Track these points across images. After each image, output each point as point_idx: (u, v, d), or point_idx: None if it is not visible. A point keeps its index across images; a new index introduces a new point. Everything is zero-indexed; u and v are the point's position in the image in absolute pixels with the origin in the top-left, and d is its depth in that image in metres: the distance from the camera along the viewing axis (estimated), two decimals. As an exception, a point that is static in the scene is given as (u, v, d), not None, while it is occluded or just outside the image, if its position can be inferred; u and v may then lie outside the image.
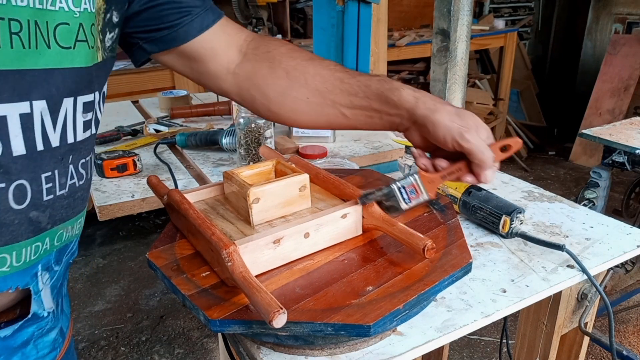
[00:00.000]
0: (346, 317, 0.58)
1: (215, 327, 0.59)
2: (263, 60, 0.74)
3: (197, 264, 0.69)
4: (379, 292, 0.62)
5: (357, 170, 0.98)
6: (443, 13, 1.19)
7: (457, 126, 0.64)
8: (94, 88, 0.58)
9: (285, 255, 0.68)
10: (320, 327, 0.57)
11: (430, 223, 0.78)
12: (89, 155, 0.61)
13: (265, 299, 0.54)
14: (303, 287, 0.64)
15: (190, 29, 0.71)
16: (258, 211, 0.72)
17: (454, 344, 2.15)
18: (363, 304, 0.60)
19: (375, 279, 0.65)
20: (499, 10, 4.84)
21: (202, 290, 0.63)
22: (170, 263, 0.69)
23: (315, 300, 0.61)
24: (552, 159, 4.29)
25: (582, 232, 0.93)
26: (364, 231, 0.76)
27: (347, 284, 0.64)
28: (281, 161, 0.81)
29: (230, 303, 0.61)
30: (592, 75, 4.33)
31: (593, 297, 0.92)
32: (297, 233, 0.68)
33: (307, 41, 3.47)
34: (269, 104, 0.75)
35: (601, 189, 1.99)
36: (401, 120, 0.69)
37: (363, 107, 0.70)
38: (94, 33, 0.55)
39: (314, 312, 0.59)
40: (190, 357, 2.13)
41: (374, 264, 0.68)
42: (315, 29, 1.63)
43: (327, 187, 0.81)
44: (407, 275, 0.66)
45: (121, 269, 2.72)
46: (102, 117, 0.70)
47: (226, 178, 0.77)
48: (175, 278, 0.66)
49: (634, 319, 2.27)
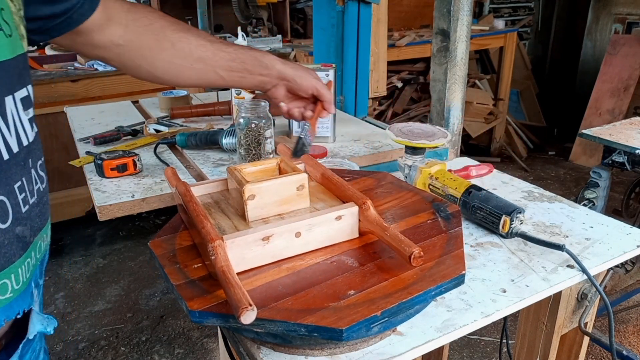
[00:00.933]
0: (320, 319, 0.57)
1: (195, 318, 0.59)
2: (148, 33, 0.85)
3: (192, 256, 0.70)
4: (359, 297, 0.61)
5: (372, 172, 0.97)
6: (443, 13, 1.19)
7: (313, 79, 0.94)
8: (25, 81, 0.54)
9: (275, 253, 0.69)
10: (294, 327, 0.58)
11: (431, 231, 0.76)
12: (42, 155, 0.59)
13: (237, 294, 0.55)
14: (286, 286, 0.64)
15: (84, 11, 0.76)
16: (253, 207, 0.72)
17: (454, 344, 2.15)
18: (340, 308, 0.59)
19: (359, 283, 0.64)
20: (498, 11, 4.84)
21: (189, 281, 0.64)
22: (167, 252, 0.71)
23: (294, 299, 0.61)
24: (552, 159, 4.29)
25: (582, 232, 0.93)
26: (361, 234, 0.75)
27: (330, 287, 0.63)
28: (284, 159, 0.81)
29: (212, 296, 0.61)
30: (592, 76, 4.33)
31: (593, 297, 0.92)
32: (287, 232, 0.69)
33: (307, 41, 3.47)
34: (155, 71, 0.88)
35: (601, 189, 1.99)
36: (270, 79, 0.93)
37: (239, 70, 0.90)
38: (7, 20, 0.50)
39: (289, 311, 0.59)
40: (190, 357, 2.13)
41: (362, 268, 0.67)
42: (315, 29, 1.63)
43: (330, 188, 0.81)
44: (392, 282, 0.64)
45: (121, 269, 2.72)
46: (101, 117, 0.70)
47: (229, 173, 0.78)
48: (168, 267, 0.67)
49: (634, 319, 2.27)
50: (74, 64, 2.77)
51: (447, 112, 1.26)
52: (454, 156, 1.31)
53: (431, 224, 0.78)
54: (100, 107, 1.74)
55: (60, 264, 2.76)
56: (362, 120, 1.61)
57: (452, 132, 1.28)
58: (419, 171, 1.02)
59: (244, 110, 1.10)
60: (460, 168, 1.17)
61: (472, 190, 0.94)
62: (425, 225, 0.78)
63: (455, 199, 0.95)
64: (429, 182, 1.00)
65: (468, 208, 0.93)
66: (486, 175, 1.18)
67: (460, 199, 0.94)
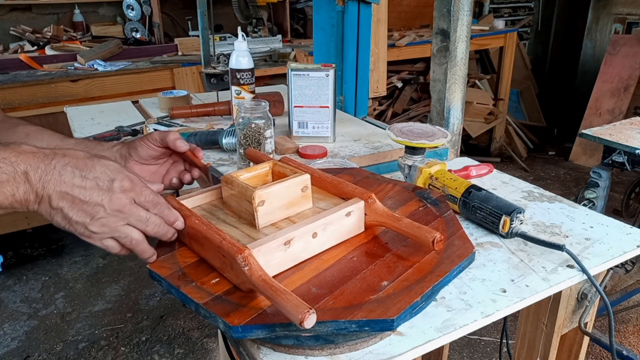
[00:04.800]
0: (368, 313, 0.58)
1: (237, 334, 0.58)
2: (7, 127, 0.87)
3: (204, 271, 0.67)
4: (394, 286, 0.63)
5: (346, 169, 0.98)
6: (443, 13, 1.18)
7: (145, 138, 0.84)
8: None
9: (295, 256, 0.68)
10: (345, 325, 0.58)
11: (427, 217, 0.80)
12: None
13: (291, 300, 0.54)
14: (318, 286, 0.64)
15: None
16: (263, 213, 0.71)
17: (454, 344, 2.15)
18: (382, 299, 0.61)
19: (388, 273, 0.66)
20: (498, 11, 4.83)
21: (215, 297, 0.62)
22: (174, 272, 0.67)
23: (334, 299, 0.61)
24: (552, 159, 4.29)
25: (582, 232, 0.93)
26: (366, 228, 0.76)
27: (361, 281, 0.65)
28: (278, 162, 0.81)
29: (248, 308, 0.60)
30: (592, 75, 4.33)
31: (593, 297, 0.92)
32: (306, 233, 0.69)
33: (307, 41, 3.47)
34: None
35: (601, 189, 1.99)
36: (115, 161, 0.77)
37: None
38: None
39: (335, 310, 0.59)
40: (190, 357, 2.13)
41: (383, 259, 0.69)
42: (315, 29, 1.63)
43: (324, 187, 0.81)
44: (417, 268, 0.67)
45: (121, 269, 2.72)
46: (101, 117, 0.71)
47: (225, 182, 0.76)
48: (184, 287, 0.64)
49: (634, 319, 2.27)
50: (74, 64, 2.77)
51: (447, 112, 1.26)
52: (454, 156, 1.31)
53: (424, 210, 0.82)
54: (100, 107, 1.74)
55: (60, 264, 2.76)
56: (362, 120, 1.61)
57: (452, 132, 1.28)
58: (419, 171, 1.02)
59: (244, 110, 1.10)
60: (460, 168, 1.17)
61: (472, 190, 0.94)
62: (419, 212, 0.82)
63: (455, 199, 0.95)
64: (429, 182, 1.00)
65: (468, 208, 0.93)
66: (486, 175, 1.18)
67: (460, 199, 0.94)
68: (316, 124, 1.33)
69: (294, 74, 1.28)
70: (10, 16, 3.18)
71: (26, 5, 3.20)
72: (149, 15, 3.34)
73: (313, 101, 1.30)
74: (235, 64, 1.36)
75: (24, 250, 2.92)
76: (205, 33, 2.04)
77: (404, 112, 3.78)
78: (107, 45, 2.94)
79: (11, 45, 3.11)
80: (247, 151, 0.92)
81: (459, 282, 0.77)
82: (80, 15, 3.33)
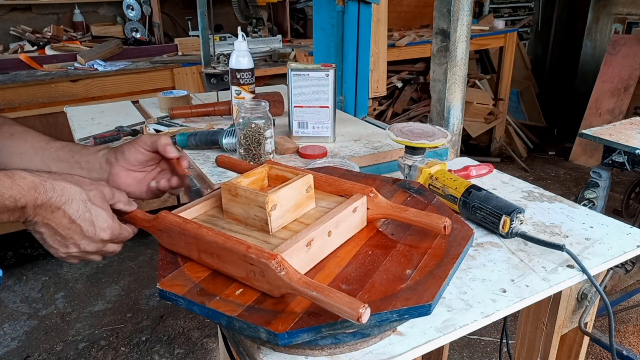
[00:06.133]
0: (406, 301, 0.60)
1: (284, 340, 0.56)
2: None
3: (223, 284, 0.65)
4: (419, 273, 0.65)
5: (321, 168, 0.99)
6: (443, 13, 1.18)
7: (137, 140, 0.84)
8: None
9: (315, 256, 0.69)
10: (387, 316, 0.59)
11: (418, 205, 0.81)
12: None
13: (343, 298, 0.54)
14: (347, 283, 0.64)
15: None
16: (276, 218, 0.71)
17: (454, 344, 2.15)
18: (413, 287, 0.62)
19: (408, 262, 0.68)
20: (498, 11, 4.83)
21: (248, 308, 0.60)
22: (191, 289, 0.64)
23: (368, 292, 0.62)
24: (552, 159, 4.29)
25: (582, 232, 0.93)
26: (367, 222, 0.77)
27: (386, 272, 0.66)
28: (274, 166, 0.81)
29: (287, 313, 0.59)
30: (592, 75, 4.33)
31: (593, 297, 0.92)
32: (323, 233, 0.69)
33: (307, 41, 3.47)
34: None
35: (601, 189, 1.99)
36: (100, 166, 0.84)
37: (67, 160, 0.84)
38: None
39: (374, 303, 0.59)
40: (190, 357, 2.13)
41: (397, 249, 0.71)
42: (315, 29, 1.63)
43: (319, 186, 0.81)
44: (432, 254, 0.69)
45: (121, 269, 2.72)
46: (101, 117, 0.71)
47: (227, 190, 0.74)
48: (209, 302, 0.61)
49: (634, 319, 2.27)
50: (74, 64, 2.77)
51: (447, 112, 1.26)
52: (454, 156, 1.31)
53: (412, 200, 0.84)
54: (100, 107, 1.74)
55: (61, 264, 2.76)
56: (362, 120, 1.61)
57: (452, 132, 1.28)
58: (419, 171, 1.02)
59: (244, 110, 1.10)
60: (460, 168, 1.17)
61: (472, 190, 0.94)
62: (409, 202, 0.84)
63: (455, 199, 0.95)
64: (429, 182, 1.00)
65: (468, 208, 0.93)
66: (486, 175, 1.18)
67: (460, 199, 0.94)
68: (316, 124, 1.33)
69: (294, 74, 1.28)
70: (10, 16, 3.18)
71: (26, 5, 3.20)
72: (149, 15, 3.34)
73: (313, 101, 1.30)
74: (235, 64, 1.36)
75: (24, 250, 2.92)
76: (205, 33, 2.04)
77: (404, 112, 3.78)
78: (107, 45, 2.94)
79: (11, 45, 3.11)
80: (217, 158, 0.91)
81: (459, 282, 0.77)
82: (80, 15, 3.33)
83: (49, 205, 0.66)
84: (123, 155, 0.83)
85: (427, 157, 1.07)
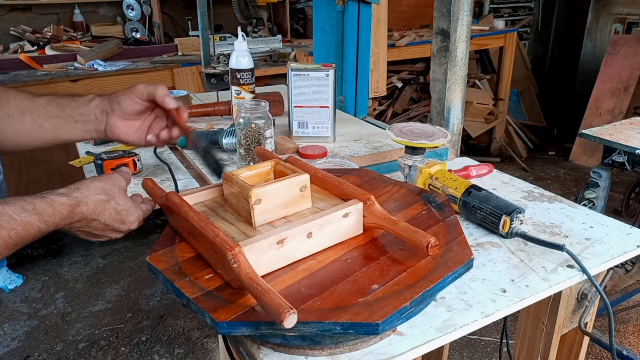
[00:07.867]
0: (354, 316, 0.58)
1: (223, 330, 0.58)
2: None
3: (199, 267, 0.68)
4: (384, 290, 0.63)
5: (354, 170, 0.98)
6: (443, 13, 1.19)
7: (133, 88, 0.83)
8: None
9: (289, 255, 0.68)
10: (329, 327, 0.57)
11: (429, 220, 0.79)
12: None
13: (274, 299, 0.54)
14: (308, 287, 0.64)
15: None
16: (260, 212, 0.72)
17: (454, 344, 2.15)
18: (370, 302, 0.60)
19: (379, 277, 0.65)
20: (498, 11, 4.83)
21: (206, 293, 0.63)
22: (171, 266, 0.69)
23: (322, 299, 0.61)
24: (552, 159, 4.29)
25: (582, 232, 0.93)
26: (365, 230, 0.76)
27: (352, 283, 0.64)
28: (280, 162, 0.81)
29: (236, 305, 0.60)
30: (592, 75, 4.33)
31: (593, 297, 0.92)
32: (300, 233, 0.68)
33: (307, 41, 3.47)
34: None
35: (601, 189, 1.99)
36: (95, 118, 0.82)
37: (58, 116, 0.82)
38: None
39: (321, 311, 0.59)
40: (190, 357, 2.13)
41: (378, 262, 0.69)
42: (315, 29, 1.63)
43: (326, 187, 0.81)
44: (411, 273, 0.66)
45: (121, 269, 2.72)
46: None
47: (226, 180, 0.77)
48: (178, 281, 0.65)
49: (634, 319, 2.27)
50: (74, 64, 2.77)
51: (447, 112, 1.26)
52: (454, 156, 1.31)
53: (427, 214, 0.81)
54: (100, 107, 1.73)
55: (60, 264, 2.76)
56: (362, 120, 1.61)
57: (452, 132, 1.28)
58: (419, 171, 1.02)
59: (244, 110, 1.10)
60: (460, 168, 1.17)
61: (472, 190, 0.94)
62: (422, 216, 0.81)
63: (455, 199, 0.95)
64: (429, 182, 1.00)
65: (468, 208, 0.93)
66: (486, 175, 1.18)
67: (460, 199, 0.94)
68: (316, 124, 1.33)
69: (294, 74, 1.28)
70: (10, 16, 3.18)
71: (26, 5, 3.20)
72: (149, 15, 3.34)
73: (313, 101, 1.30)
74: (235, 64, 1.36)
75: (24, 250, 2.92)
76: (205, 33, 2.04)
77: (404, 112, 3.78)
78: (107, 45, 2.94)
79: (11, 45, 3.11)
80: (256, 149, 0.92)
81: (459, 282, 0.77)
82: (80, 15, 3.33)
83: (85, 218, 0.71)
84: (119, 105, 0.82)
85: (427, 157, 1.07)
